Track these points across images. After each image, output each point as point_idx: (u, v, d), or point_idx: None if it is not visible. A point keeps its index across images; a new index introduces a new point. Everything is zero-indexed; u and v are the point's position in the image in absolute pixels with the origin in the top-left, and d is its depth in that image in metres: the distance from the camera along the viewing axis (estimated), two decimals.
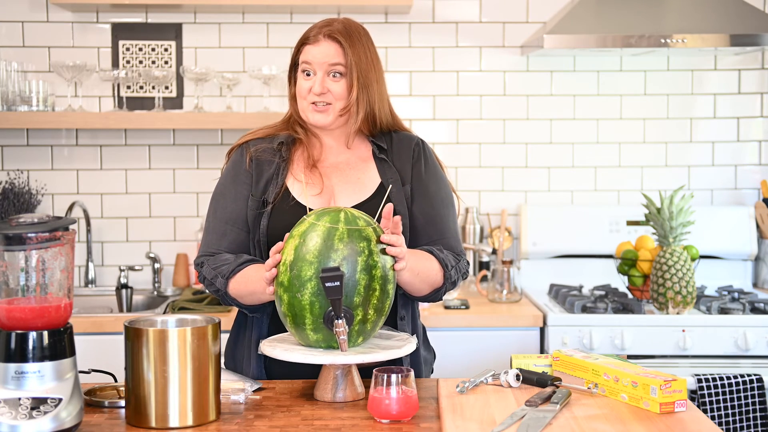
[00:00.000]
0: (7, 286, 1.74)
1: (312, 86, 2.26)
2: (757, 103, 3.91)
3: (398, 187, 2.30)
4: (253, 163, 2.32)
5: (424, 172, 2.34)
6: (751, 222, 3.80)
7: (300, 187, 2.28)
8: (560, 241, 3.78)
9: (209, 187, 3.79)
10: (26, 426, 1.67)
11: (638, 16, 3.46)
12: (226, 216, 2.28)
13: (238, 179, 2.32)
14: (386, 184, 2.29)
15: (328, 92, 2.26)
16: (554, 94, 3.87)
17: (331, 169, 2.33)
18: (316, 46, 2.26)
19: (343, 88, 2.27)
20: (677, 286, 3.26)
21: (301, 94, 2.29)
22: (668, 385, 1.80)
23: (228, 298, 2.20)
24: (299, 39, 2.31)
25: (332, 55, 2.25)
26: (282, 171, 2.30)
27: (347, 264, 1.94)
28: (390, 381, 1.81)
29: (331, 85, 2.26)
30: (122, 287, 3.63)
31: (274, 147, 2.33)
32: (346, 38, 2.27)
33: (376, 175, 2.32)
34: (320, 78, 2.26)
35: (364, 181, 2.31)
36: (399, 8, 3.69)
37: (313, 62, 2.26)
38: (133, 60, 3.77)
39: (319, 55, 2.25)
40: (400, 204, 2.28)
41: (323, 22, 2.30)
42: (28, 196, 3.62)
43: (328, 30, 2.27)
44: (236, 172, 2.33)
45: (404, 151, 2.35)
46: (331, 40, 2.26)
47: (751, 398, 3.12)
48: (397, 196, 2.28)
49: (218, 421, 1.85)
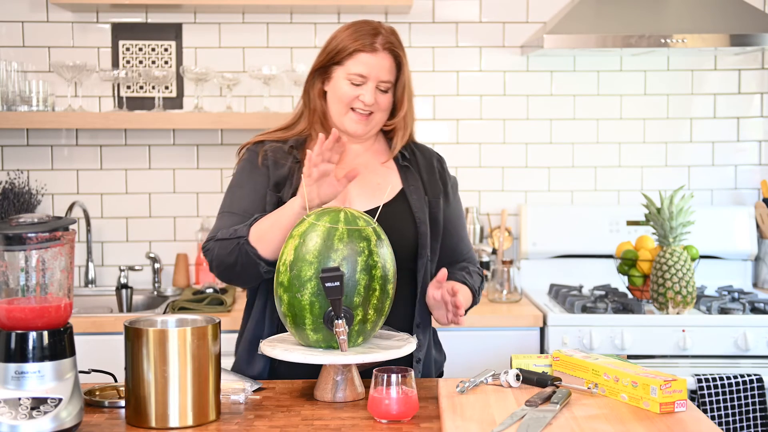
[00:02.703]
0: (7, 286, 1.74)
1: (360, 95, 2.21)
2: (757, 103, 3.91)
3: (419, 195, 2.28)
4: (267, 161, 2.29)
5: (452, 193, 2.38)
6: (751, 222, 3.80)
7: None
8: (560, 241, 3.78)
9: (209, 187, 3.81)
10: (26, 426, 1.67)
11: (638, 16, 3.46)
12: (242, 207, 2.25)
13: (255, 172, 2.28)
14: (408, 191, 2.27)
15: (375, 103, 2.23)
16: (554, 94, 3.87)
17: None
18: (373, 56, 2.21)
19: (389, 101, 2.24)
20: (677, 286, 3.26)
21: (344, 99, 2.23)
22: (668, 385, 1.80)
23: (247, 246, 2.11)
24: (346, 41, 2.22)
25: (388, 70, 2.22)
26: (296, 172, 2.26)
27: (347, 264, 1.94)
28: (390, 381, 1.81)
29: (377, 96, 2.23)
30: (122, 287, 3.62)
31: (286, 149, 2.30)
32: (403, 53, 2.24)
33: (397, 180, 2.30)
34: (371, 89, 2.21)
35: (384, 186, 2.29)
36: (399, 8, 3.69)
37: (367, 74, 2.20)
38: (133, 60, 3.77)
39: (376, 66, 2.20)
40: (420, 212, 2.27)
41: (374, 29, 2.23)
42: (28, 196, 3.62)
43: (386, 42, 2.21)
44: (252, 166, 2.30)
45: (427, 162, 2.36)
46: (389, 54, 2.22)
47: (751, 398, 3.12)
48: (418, 204, 2.27)
49: (218, 421, 1.85)
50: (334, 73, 2.25)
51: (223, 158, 3.80)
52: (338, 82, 2.24)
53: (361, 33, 2.22)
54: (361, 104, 2.22)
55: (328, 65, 2.26)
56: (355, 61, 2.21)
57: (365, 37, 2.21)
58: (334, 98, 2.25)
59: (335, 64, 2.25)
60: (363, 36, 2.21)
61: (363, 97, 2.21)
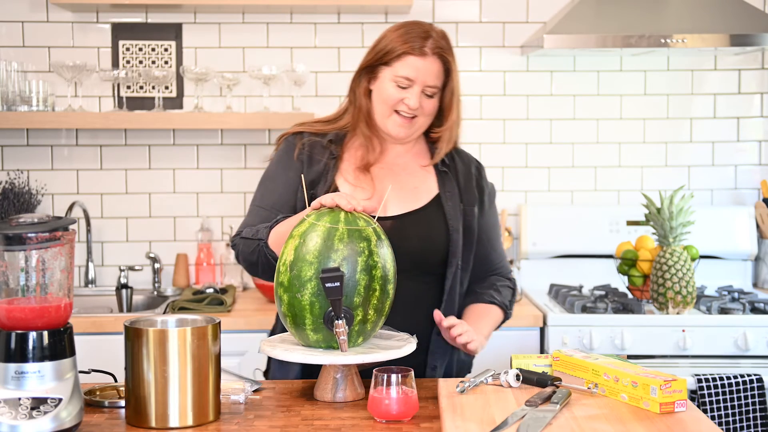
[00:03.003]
0: (7, 286, 1.74)
1: (405, 98, 2.18)
2: (757, 103, 3.91)
3: (455, 202, 2.26)
4: (303, 154, 2.27)
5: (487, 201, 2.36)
6: (751, 222, 3.80)
7: (349, 189, 2.24)
8: (560, 241, 3.78)
9: (209, 187, 3.81)
10: (26, 426, 1.67)
11: (638, 16, 3.46)
12: (272, 201, 2.25)
13: (290, 166, 2.27)
14: (444, 198, 2.26)
15: (419, 107, 2.20)
16: (554, 94, 3.87)
17: (386, 172, 2.28)
18: (422, 60, 2.17)
19: (434, 106, 2.21)
20: (677, 286, 3.26)
21: (388, 101, 2.20)
22: (668, 385, 1.80)
23: (266, 249, 2.13)
24: (395, 42, 2.19)
25: (435, 75, 2.18)
26: (331, 170, 2.25)
27: (347, 264, 1.94)
28: (390, 381, 1.81)
29: (423, 100, 2.20)
30: (122, 287, 3.62)
31: (324, 143, 2.28)
32: (452, 58, 2.20)
33: (434, 185, 2.28)
34: (417, 93, 2.18)
35: (421, 190, 2.27)
36: (399, 8, 3.69)
37: (414, 77, 2.17)
38: (133, 60, 3.77)
39: (424, 70, 2.17)
40: (454, 219, 2.24)
41: (425, 32, 2.19)
42: (28, 196, 3.62)
43: (435, 46, 2.18)
44: (287, 159, 2.29)
45: (466, 169, 2.33)
46: (438, 59, 2.18)
47: (751, 398, 3.12)
48: (452, 211, 2.25)
49: (218, 421, 1.85)
50: (380, 74, 2.22)
51: (223, 158, 3.80)
52: (384, 83, 2.21)
53: (411, 35, 2.18)
54: (406, 108, 2.19)
55: (375, 65, 2.23)
56: (403, 64, 2.18)
57: (415, 40, 2.17)
58: (379, 99, 2.22)
59: (383, 64, 2.21)
60: (413, 38, 2.18)
61: (408, 100, 2.18)
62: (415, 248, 2.22)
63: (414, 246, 2.21)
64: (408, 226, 2.23)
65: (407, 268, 2.19)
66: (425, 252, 2.21)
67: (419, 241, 2.22)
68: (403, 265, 2.18)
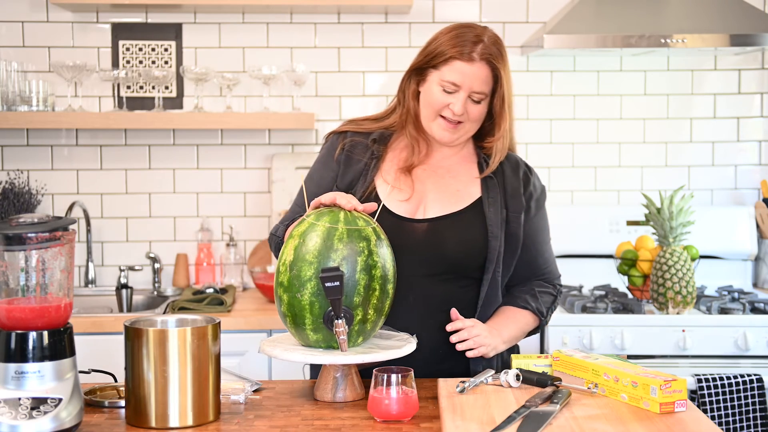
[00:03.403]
0: (7, 286, 1.74)
1: (451, 103, 2.15)
2: (757, 103, 3.91)
3: (497, 208, 2.23)
4: (342, 156, 2.27)
5: (534, 207, 2.30)
6: (751, 222, 3.80)
7: (387, 189, 2.22)
8: (560, 240, 3.76)
9: (209, 187, 3.81)
10: (26, 426, 1.67)
11: (638, 16, 3.46)
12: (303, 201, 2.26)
13: (328, 166, 2.28)
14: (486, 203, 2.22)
15: (464, 113, 2.17)
16: (554, 94, 3.87)
17: (429, 174, 2.26)
18: (469, 66, 2.13)
19: (480, 112, 2.17)
20: (677, 286, 3.26)
21: (434, 106, 2.17)
22: (668, 385, 1.80)
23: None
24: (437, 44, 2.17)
25: (483, 80, 2.14)
26: (371, 170, 2.24)
27: (347, 264, 1.94)
28: (390, 381, 1.81)
29: (469, 106, 2.16)
30: (122, 287, 3.62)
31: (367, 143, 2.27)
32: (502, 64, 2.15)
33: (477, 190, 2.25)
34: (462, 98, 2.14)
35: (462, 194, 2.25)
36: (399, 8, 3.69)
37: (460, 83, 2.14)
38: (133, 60, 3.77)
39: (471, 76, 2.13)
40: (495, 226, 2.21)
41: (475, 36, 2.15)
42: (28, 196, 3.62)
43: (484, 51, 2.13)
44: (327, 158, 2.30)
45: (513, 174, 2.29)
46: (487, 65, 2.14)
47: (751, 398, 3.12)
48: (494, 217, 2.22)
49: (218, 421, 1.85)
50: (429, 77, 2.19)
51: (223, 158, 3.80)
52: (431, 86, 2.18)
53: (461, 39, 2.15)
54: (450, 113, 2.16)
55: (424, 67, 2.20)
56: (450, 69, 2.14)
57: (464, 45, 2.14)
58: (426, 102, 2.20)
59: (431, 67, 2.19)
60: (462, 43, 2.14)
61: (453, 105, 2.15)
62: (451, 251, 2.19)
63: (450, 249, 2.19)
64: (444, 229, 2.20)
65: (442, 270, 2.19)
66: (461, 256, 2.19)
67: (455, 244, 2.19)
68: (438, 267, 2.18)
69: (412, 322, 2.17)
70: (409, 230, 2.20)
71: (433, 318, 2.18)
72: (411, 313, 2.18)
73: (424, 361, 2.16)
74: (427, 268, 2.19)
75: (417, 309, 2.19)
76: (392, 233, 2.11)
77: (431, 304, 2.18)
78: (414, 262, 2.17)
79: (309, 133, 3.81)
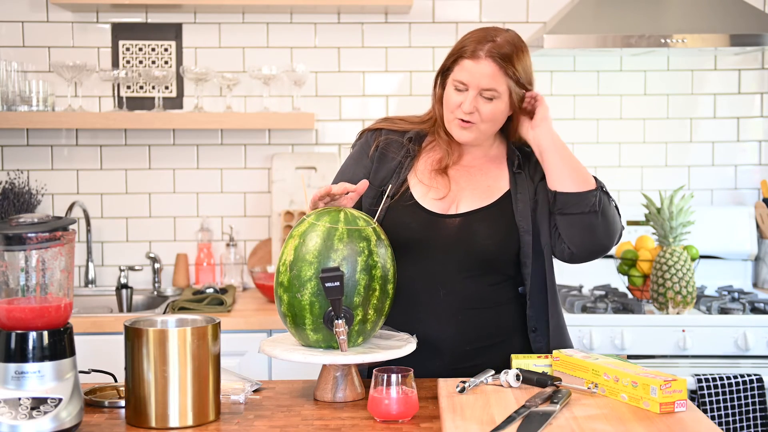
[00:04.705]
0: (7, 286, 1.74)
1: (462, 102, 2.16)
2: (757, 103, 3.91)
3: (525, 203, 2.23)
4: (376, 152, 2.28)
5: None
6: (751, 222, 3.80)
7: (422, 189, 2.23)
8: None
9: (209, 187, 3.81)
10: (26, 426, 1.67)
11: (638, 16, 3.46)
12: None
13: (360, 162, 2.29)
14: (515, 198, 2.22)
15: (476, 112, 2.16)
16: (554, 94, 3.87)
17: (462, 173, 2.27)
18: (474, 63, 2.14)
19: (492, 110, 2.17)
20: (677, 286, 3.26)
21: (449, 106, 2.19)
22: (668, 385, 1.80)
23: None
24: (456, 45, 2.19)
25: (489, 77, 2.14)
26: (405, 168, 2.25)
27: (347, 264, 1.94)
28: (390, 381, 1.81)
29: (480, 105, 2.16)
30: (122, 287, 3.62)
31: (403, 142, 2.28)
32: (508, 61, 2.15)
33: (506, 183, 2.25)
34: (471, 97, 2.15)
35: (493, 188, 2.25)
36: (399, 8, 3.69)
37: (467, 81, 2.14)
38: (133, 60, 3.77)
39: (477, 73, 2.14)
40: (524, 220, 2.21)
41: (486, 34, 2.17)
42: (28, 196, 3.62)
43: (491, 49, 2.14)
44: (361, 154, 2.31)
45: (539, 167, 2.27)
46: (492, 61, 2.14)
47: (751, 398, 3.12)
48: (523, 212, 2.22)
49: (218, 421, 1.85)
50: (447, 79, 2.22)
51: (223, 158, 3.80)
52: (448, 88, 2.20)
53: (473, 39, 2.17)
54: (461, 111, 2.17)
55: (445, 71, 2.23)
56: (460, 68, 2.16)
57: (473, 44, 2.15)
58: (444, 104, 2.22)
59: (448, 69, 2.21)
60: (471, 42, 2.16)
61: (462, 104, 2.16)
62: (482, 245, 2.19)
63: (480, 242, 2.19)
64: (474, 222, 2.21)
65: (472, 266, 2.19)
66: (492, 249, 2.18)
67: (485, 237, 2.19)
68: (468, 263, 2.18)
69: (443, 319, 2.18)
70: (441, 226, 2.21)
71: (464, 315, 2.19)
72: (443, 310, 2.19)
73: (454, 359, 2.18)
74: (459, 264, 2.19)
75: (449, 306, 2.18)
76: (426, 229, 2.16)
77: (463, 301, 2.17)
78: (446, 258, 2.18)
79: (309, 133, 3.81)
